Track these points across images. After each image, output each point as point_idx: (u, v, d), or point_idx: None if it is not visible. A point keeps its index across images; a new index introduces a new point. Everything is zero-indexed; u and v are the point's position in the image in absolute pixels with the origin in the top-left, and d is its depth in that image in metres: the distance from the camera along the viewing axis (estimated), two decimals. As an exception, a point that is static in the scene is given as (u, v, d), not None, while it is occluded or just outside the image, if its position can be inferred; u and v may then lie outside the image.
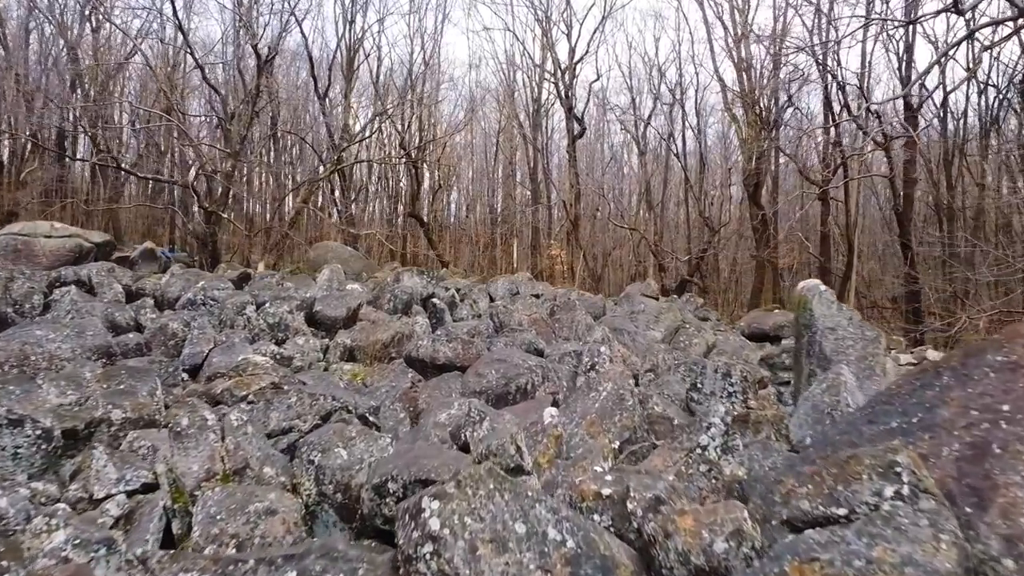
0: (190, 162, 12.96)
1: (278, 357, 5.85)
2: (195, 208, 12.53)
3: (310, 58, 21.50)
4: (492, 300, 9.50)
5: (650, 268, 23.73)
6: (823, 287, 3.46)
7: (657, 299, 11.39)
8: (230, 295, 7.20)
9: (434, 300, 7.83)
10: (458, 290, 9.46)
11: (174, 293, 7.58)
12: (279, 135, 22.68)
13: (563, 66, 21.55)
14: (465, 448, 3.59)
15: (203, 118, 19.63)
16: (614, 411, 3.29)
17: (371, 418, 3.87)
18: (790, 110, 19.69)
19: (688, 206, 24.33)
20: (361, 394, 4.29)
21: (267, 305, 6.37)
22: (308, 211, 18.53)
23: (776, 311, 11.98)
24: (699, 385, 4.08)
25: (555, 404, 4.48)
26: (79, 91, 16.86)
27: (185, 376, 5.83)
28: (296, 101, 24.88)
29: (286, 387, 5.01)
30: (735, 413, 2.95)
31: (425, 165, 23.36)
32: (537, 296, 10.34)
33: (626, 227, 19.14)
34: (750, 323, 7.82)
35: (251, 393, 4.66)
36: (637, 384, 5.09)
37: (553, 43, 21.83)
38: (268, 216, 17.80)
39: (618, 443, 3.15)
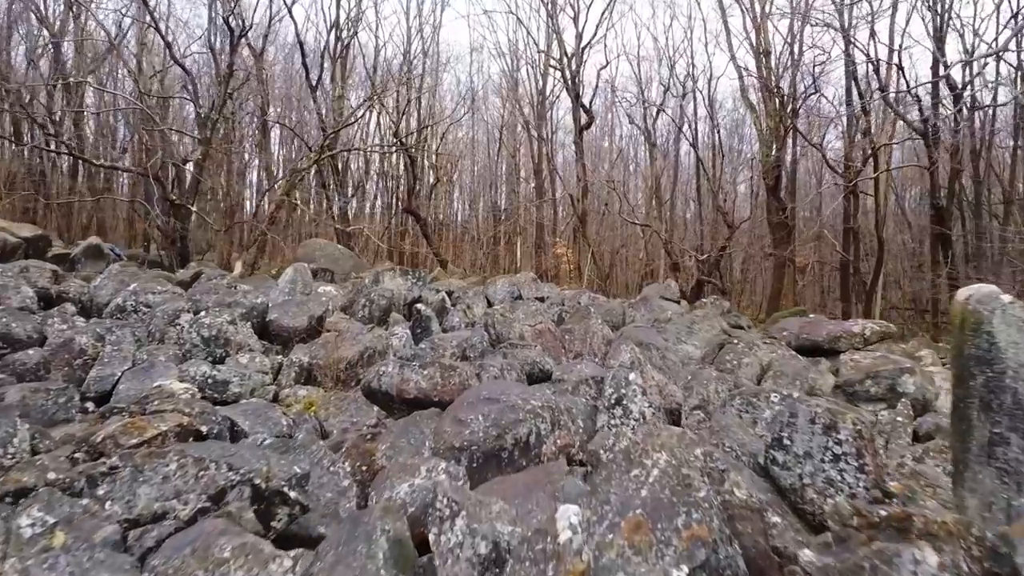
0: (155, 149, 11.68)
1: (209, 382, 4.54)
2: (164, 201, 11.26)
3: (301, 46, 20.26)
4: (490, 304, 8.18)
5: (661, 267, 22.37)
6: (1007, 297, 2.11)
7: (678, 302, 10.05)
8: (167, 300, 5.89)
9: (419, 306, 6.51)
10: (450, 293, 8.14)
11: (104, 297, 6.28)
12: (269, 125, 21.42)
13: (570, 52, 20.19)
14: (426, 544, 2.28)
15: (189, 109, 18.42)
16: (675, 507, 1.96)
17: (293, 494, 2.55)
18: (813, 96, 18.23)
19: (701, 202, 22.94)
20: (287, 452, 2.97)
21: (203, 314, 5.05)
22: (297, 207, 17.24)
23: (812, 317, 10.60)
24: (786, 441, 2.74)
25: (570, 461, 3.16)
26: (59, 82, 15.62)
27: (90, 407, 4.54)
28: (287, 91, 23.67)
29: (205, 429, 3.72)
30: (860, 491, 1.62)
31: (424, 158, 22.09)
32: (542, 299, 9.01)
33: (638, 223, 17.78)
34: (799, 333, 6.46)
35: (146, 441, 3.38)
36: (679, 426, 3.76)
37: (559, 28, 20.46)
38: (254, 212, 16.51)
39: (686, 570, 1.81)
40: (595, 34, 27.65)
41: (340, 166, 21.69)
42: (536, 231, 24.01)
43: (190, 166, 13.38)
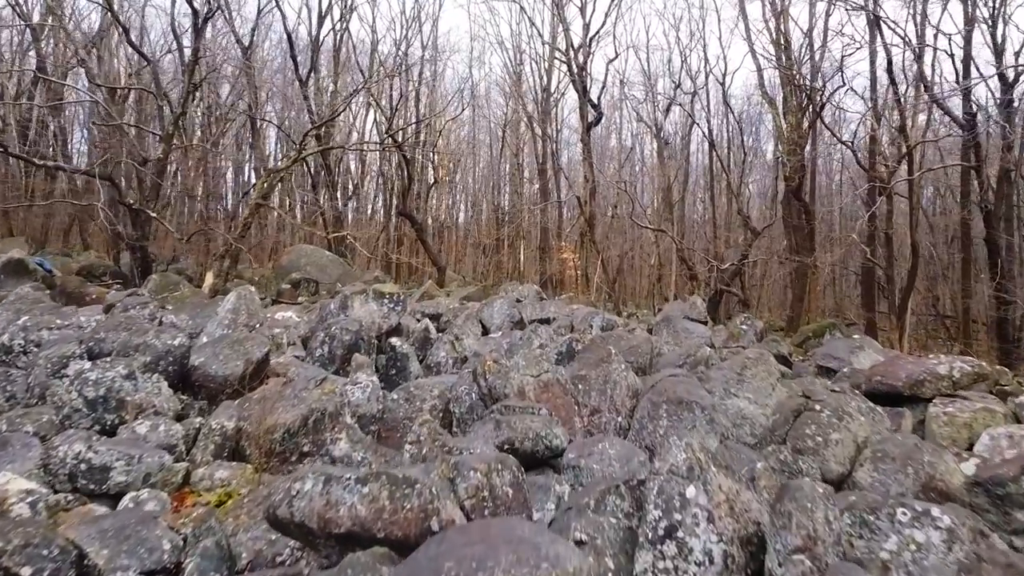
0: (112, 148, 10.40)
1: (82, 468, 3.22)
2: (120, 205, 9.97)
3: (289, 38, 19.02)
4: (485, 331, 6.85)
5: (672, 273, 20.97)
6: None
7: (705, 323, 8.69)
8: (66, 337, 4.58)
9: (394, 341, 5.19)
10: (437, 317, 6.81)
11: (-4, 332, 4.98)
12: (258, 124, 20.16)
13: (576, 43, 18.84)
14: None
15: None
16: None
17: None
18: (841, 90, 16.78)
19: (714, 204, 21.53)
20: None
21: (87, 366, 3.73)
22: (280, 213, 15.95)
23: (858, 338, 9.19)
24: None
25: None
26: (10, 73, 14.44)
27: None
28: (284, 88, 22.42)
29: (28, 572, 2.43)
30: None
31: (422, 157, 20.78)
32: (547, 321, 7.67)
33: (651, 228, 16.41)
34: (871, 375, 5.11)
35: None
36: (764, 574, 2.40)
37: (566, 18, 19.13)
38: (231, 217, 15.23)
39: None
40: (603, 24, 26.26)
41: (333, 166, 20.42)
42: (540, 234, 22.68)
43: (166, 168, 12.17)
